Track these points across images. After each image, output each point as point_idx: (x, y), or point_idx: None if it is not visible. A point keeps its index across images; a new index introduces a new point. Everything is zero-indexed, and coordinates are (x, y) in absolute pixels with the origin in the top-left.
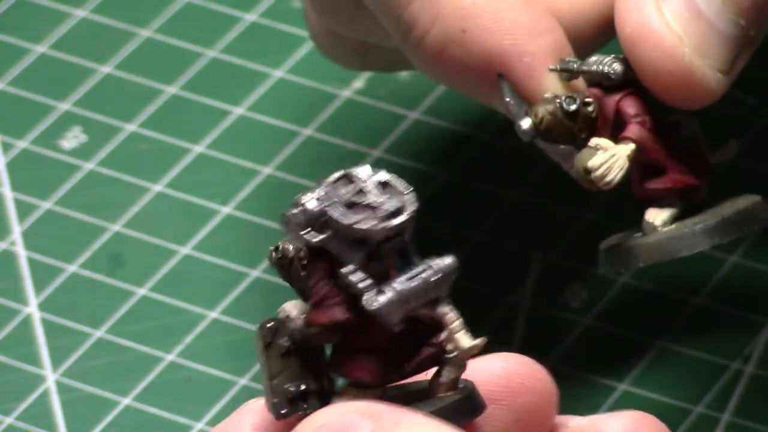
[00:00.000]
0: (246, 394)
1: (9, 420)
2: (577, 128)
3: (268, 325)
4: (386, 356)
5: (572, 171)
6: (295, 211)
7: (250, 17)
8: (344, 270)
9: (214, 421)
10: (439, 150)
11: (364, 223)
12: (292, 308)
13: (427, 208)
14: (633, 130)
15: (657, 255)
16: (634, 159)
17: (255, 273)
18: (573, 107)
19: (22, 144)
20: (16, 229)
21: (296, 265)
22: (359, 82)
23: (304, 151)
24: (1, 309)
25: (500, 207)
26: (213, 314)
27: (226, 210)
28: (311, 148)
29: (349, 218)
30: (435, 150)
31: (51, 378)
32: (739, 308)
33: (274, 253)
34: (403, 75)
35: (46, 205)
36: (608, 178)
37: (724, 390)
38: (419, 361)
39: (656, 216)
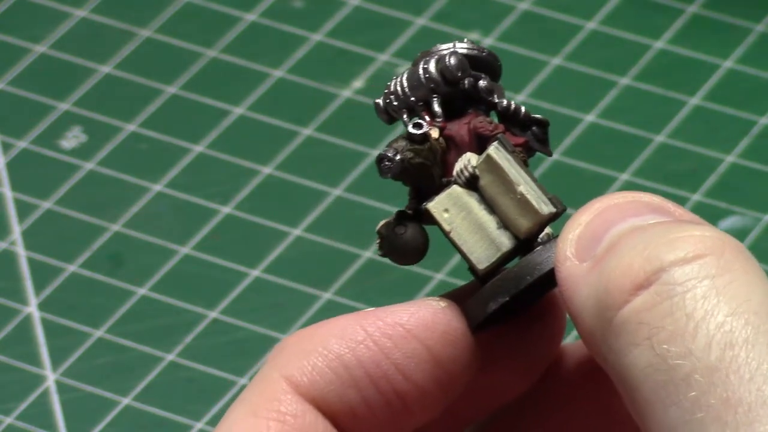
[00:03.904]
0: None
1: (9, 420)
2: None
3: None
4: None
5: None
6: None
7: (250, 17)
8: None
9: (215, 421)
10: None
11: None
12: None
13: None
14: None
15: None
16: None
17: (255, 273)
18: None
19: (22, 144)
20: (16, 229)
21: (434, 142)
22: (359, 82)
23: (304, 151)
24: (1, 309)
25: None
26: (213, 314)
27: (226, 210)
28: (311, 148)
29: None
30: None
31: (51, 378)
32: None
33: (409, 147)
34: None
35: (46, 205)
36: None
37: None
38: None
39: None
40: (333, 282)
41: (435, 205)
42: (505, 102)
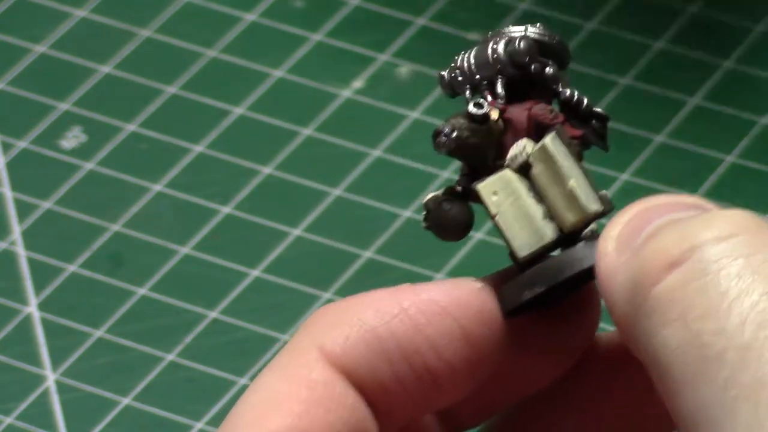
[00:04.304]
0: None
1: (9, 420)
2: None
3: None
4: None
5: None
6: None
7: (250, 17)
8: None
9: (215, 421)
10: None
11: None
12: (528, 143)
13: None
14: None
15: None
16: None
17: (255, 273)
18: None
19: (22, 144)
20: (16, 229)
21: (492, 123)
22: (359, 82)
23: (304, 151)
24: (1, 309)
25: None
26: (213, 314)
27: (226, 210)
28: (311, 148)
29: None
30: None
31: (51, 378)
32: None
33: (471, 111)
34: (403, 75)
35: (46, 205)
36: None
37: None
38: None
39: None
40: (333, 282)
41: (485, 187)
42: (568, 92)
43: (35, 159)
